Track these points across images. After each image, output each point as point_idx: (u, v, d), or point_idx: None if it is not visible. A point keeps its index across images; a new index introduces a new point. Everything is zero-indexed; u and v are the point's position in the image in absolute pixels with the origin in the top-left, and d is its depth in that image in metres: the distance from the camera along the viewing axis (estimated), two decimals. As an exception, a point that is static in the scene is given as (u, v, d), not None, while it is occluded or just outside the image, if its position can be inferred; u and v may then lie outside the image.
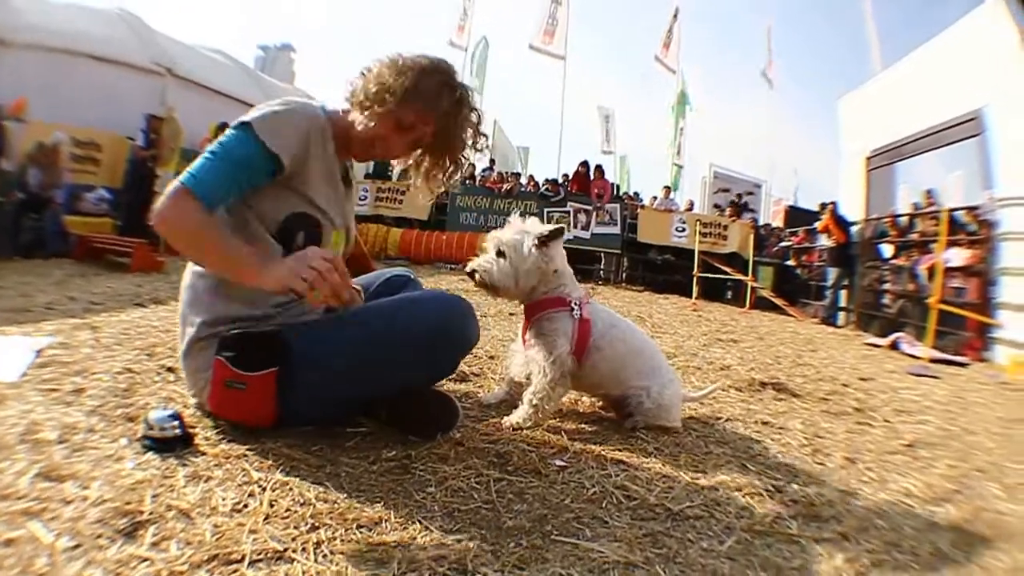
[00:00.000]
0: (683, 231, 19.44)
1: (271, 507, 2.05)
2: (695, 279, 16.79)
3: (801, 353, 8.40)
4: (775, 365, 6.84)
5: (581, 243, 19.91)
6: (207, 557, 1.71)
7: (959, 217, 12.46)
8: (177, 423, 2.52)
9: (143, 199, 13.53)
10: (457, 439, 2.92)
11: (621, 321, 3.72)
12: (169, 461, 2.30)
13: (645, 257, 20.45)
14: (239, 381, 2.54)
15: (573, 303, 3.44)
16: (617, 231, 20.17)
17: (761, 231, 21.53)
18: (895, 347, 10.35)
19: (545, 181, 22.13)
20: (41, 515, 1.83)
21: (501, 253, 3.31)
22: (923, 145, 14.62)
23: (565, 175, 22.31)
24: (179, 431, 2.51)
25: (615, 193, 22.26)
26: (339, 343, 2.66)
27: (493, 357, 5.16)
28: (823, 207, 17.23)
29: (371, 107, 2.66)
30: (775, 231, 23.35)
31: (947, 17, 13.96)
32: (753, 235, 18.59)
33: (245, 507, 2.04)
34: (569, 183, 21.41)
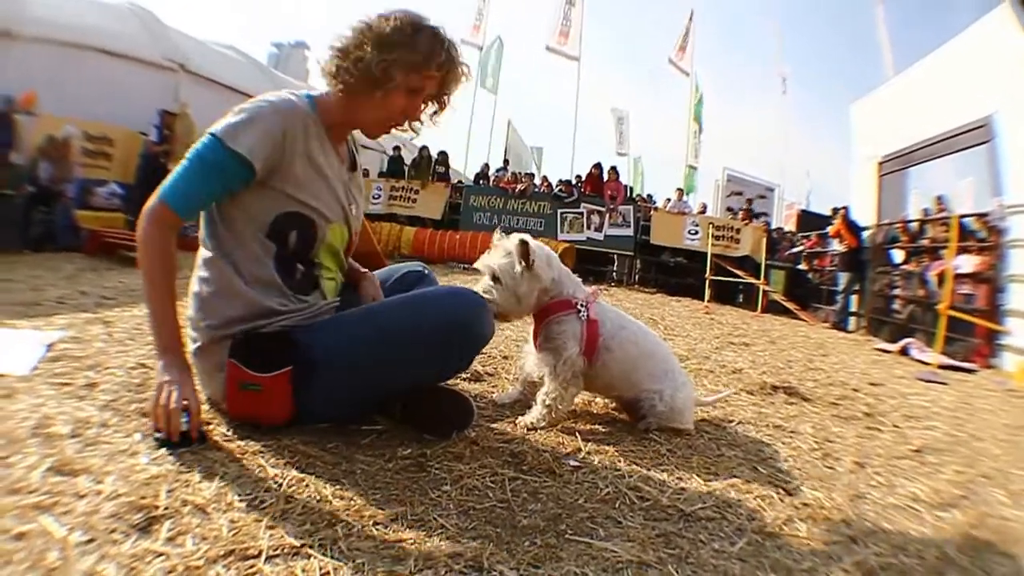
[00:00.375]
0: (696, 234, 19.47)
1: (287, 503, 2.05)
2: (707, 282, 16.80)
3: (812, 358, 8.39)
4: (786, 369, 6.86)
5: (594, 244, 20.15)
6: (223, 552, 1.71)
7: (969, 223, 12.46)
8: (186, 419, 2.44)
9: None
10: (472, 438, 2.93)
11: (632, 323, 3.71)
12: (185, 457, 2.29)
13: (658, 259, 20.52)
14: (253, 383, 2.56)
15: (579, 304, 3.44)
16: (630, 233, 20.19)
17: (773, 235, 21.62)
18: (905, 353, 10.35)
19: (559, 182, 22.12)
20: (53, 509, 1.82)
21: (497, 279, 3.28)
22: (934, 151, 14.57)
23: (578, 176, 22.26)
24: (186, 427, 2.45)
25: (628, 195, 22.27)
26: (352, 341, 2.66)
27: (507, 357, 5.16)
28: (835, 212, 17.32)
29: (376, 87, 2.63)
30: (787, 235, 23.47)
31: (960, 22, 13.94)
32: (765, 239, 18.59)
33: (261, 503, 2.04)
34: (582, 184, 21.41)
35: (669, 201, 22.23)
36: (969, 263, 11.85)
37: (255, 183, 2.57)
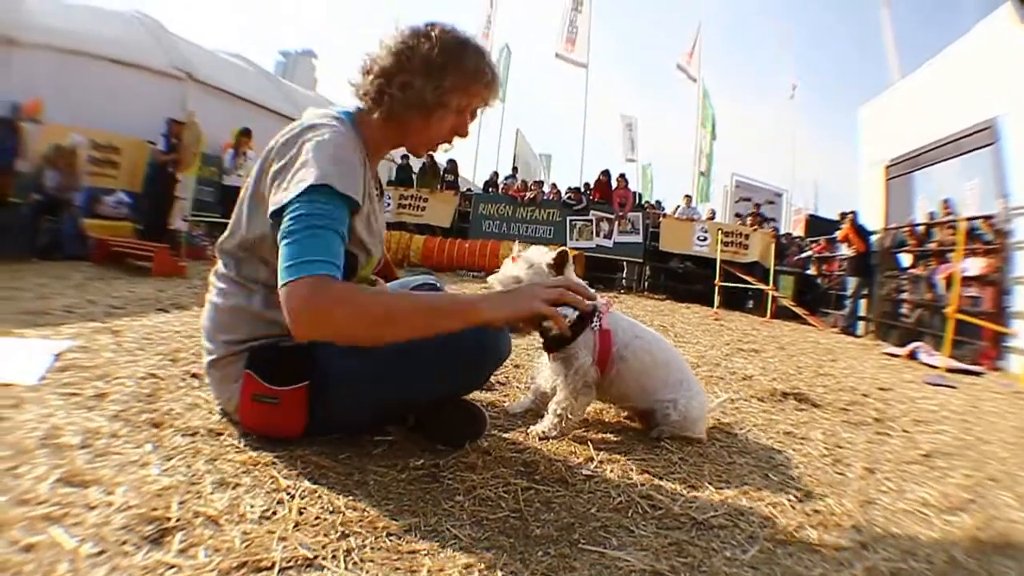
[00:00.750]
0: (705, 240, 19.62)
1: (300, 514, 2.05)
2: (716, 288, 16.82)
3: (822, 363, 8.41)
4: (796, 375, 6.88)
5: (603, 252, 20.31)
6: (236, 564, 1.70)
7: (976, 226, 12.50)
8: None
9: (163, 203, 13.60)
10: (484, 448, 2.92)
11: (646, 332, 3.69)
12: (196, 467, 2.29)
13: (667, 266, 20.67)
14: (271, 396, 2.55)
15: (594, 317, 3.39)
16: (639, 240, 20.35)
17: (782, 240, 21.64)
18: (913, 357, 10.34)
19: (568, 189, 22.17)
20: (63, 520, 1.81)
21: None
22: (940, 154, 14.56)
23: (587, 184, 22.37)
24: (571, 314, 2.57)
25: (637, 202, 22.33)
26: (370, 357, 2.54)
27: (519, 366, 5.15)
28: (843, 216, 17.41)
29: (430, 114, 2.61)
30: (796, 240, 23.42)
31: (965, 23, 13.93)
32: (774, 244, 18.73)
33: (274, 514, 2.03)
34: (591, 192, 21.47)
35: (678, 208, 22.37)
36: (976, 266, 11.88)
37: None
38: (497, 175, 24.90)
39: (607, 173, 21.52)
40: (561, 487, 2.62)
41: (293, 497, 2.16)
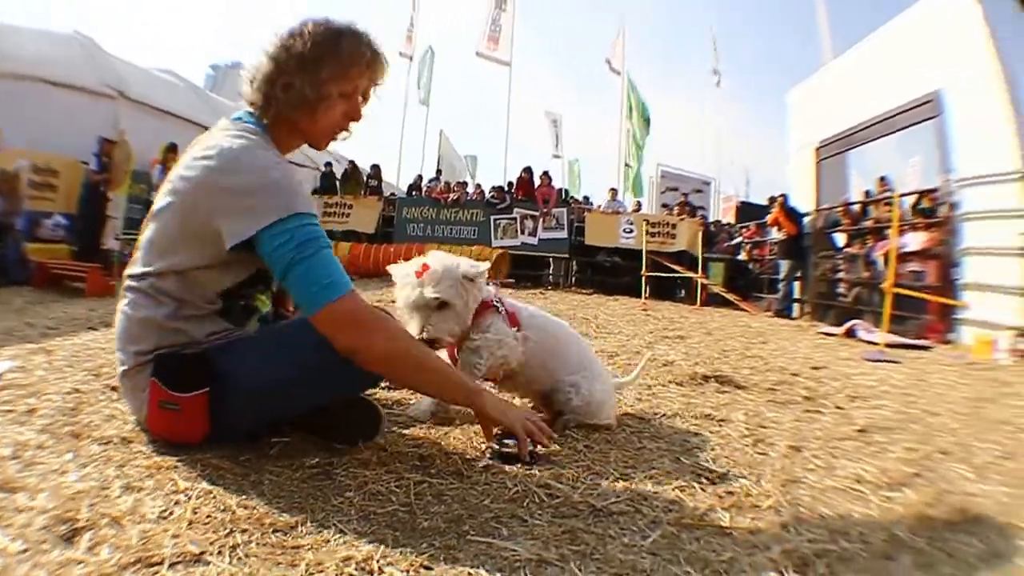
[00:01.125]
0: (631, 232, 19.72)
1: (194, 514, 2.06)
2: (644, 279, 16.98)
3: (750, 346, 8.36)
4: (721, 359, 6.78)
5: (529, 249, 20.43)
6: (132, 560, 1.74)
7: (908, 202, 12.76)
8: (529, 441, 2.75)
9: (96, 223, 13.54)
10: (381, 444, 2.91)
11: (539, 312, 3.66)
12: (107, 473, 2.34)
13: (593, 260, 20.74)
14: (172, 402, 2.54)
15: (494, 301, 3.37)
16: (564, 235, 20.45)
17: (710, 228, 21.94)
18: (851, 334, 10.35)
19: (491, 189, 22.35)
20: (-1, 523, 1.93)
21: (443, 304, 3.09)
22: (875, 131, 14.70)
23: (510, 182, 22.50)
24: (532, 447, 2.79)
25: (562, 198, 22.57)
26: (266, 362, 2.62)
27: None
28: (772, 200, 17.51)
29: (315, 108, 2.65)
30: (725, 227, 23.83)
31: (902, 5, 14.00)
32: (702, 232, 18.86)
33: (171, 514, 2.06)
34: (515, 190, 21.60)
35: (603, 203, 22.49)
36: (917, 240, 12.00)
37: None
38: (421, 178, 25.09)
39: (529, 171, 21.42)
40: (456, 480, 2.58)
41: (190, 498, 2.18)
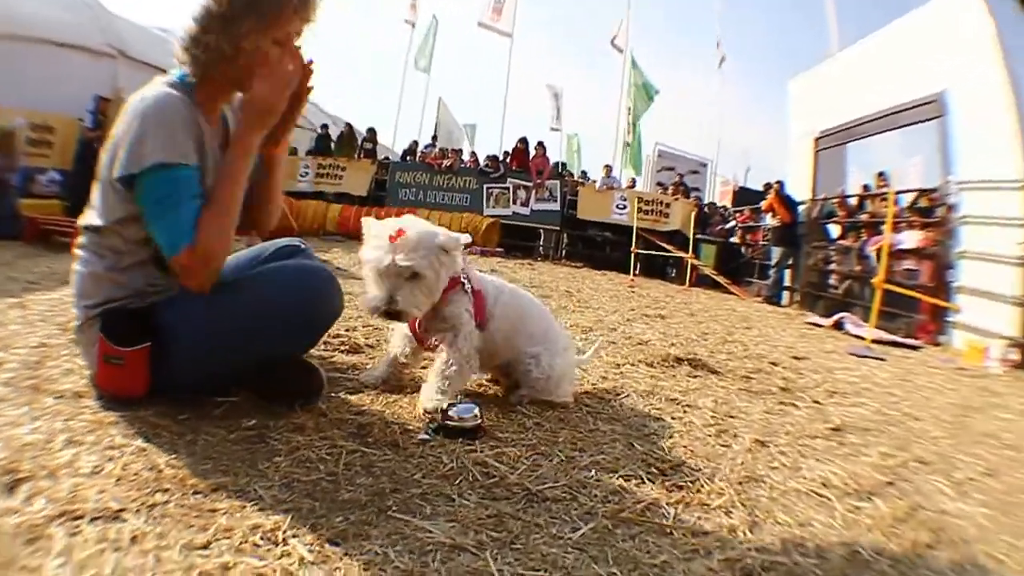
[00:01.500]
0: (624, 208, 19.71)
1: (124, 470, 2.10)
2: (633, 255, 17.10)
3: (732, 331, 8.19)
4: (699, 341, 6.65)
5: (520, 219, 20.41)
6: (59, 512, 1.79)
7: (904, 199, 12.75)
8: (477, 413, 2.77)
9: (89, 180, 13.73)
10: (322, 409, 2.87)
11: (505, 285, 3.55)
12: (54, 427, 2.39)
13: (585, 234, 20.79)
14: (116, 356, 2.59)
15: (463, 278, 3.22)
16: (557, 207, 20.44)
17: (705, 209, 21.87)
18: (839, 327, 10.30)
19: (486, 158, 22.25)
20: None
21: (416, 276, 2.90)
22: (877, 127, 14.61)
23: (505, 152, 22.55)
24: (478, 421, 2.77)
25: (558, 171, 22.49)
26: (207, 318, 2.67)
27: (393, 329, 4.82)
28: (768, 187, 17.46)
29: (232, 62, 2.63)
30: (719, 210, 23.77)
31: (912, 3, 13.80)
32: (695, 213, 18.88)
33: (102, 470, 2.09)
34: (509, 160, 21.62)
35: (598, 180, 22.23)
36: (912, 239, 11.84)
37: None
38: (416, 144, 25.09)
39: (524, 141, 21.45)
40: (391, 451, 2.55)
41: (123, 455, 2.22)
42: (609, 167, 22.46)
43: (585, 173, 26.08)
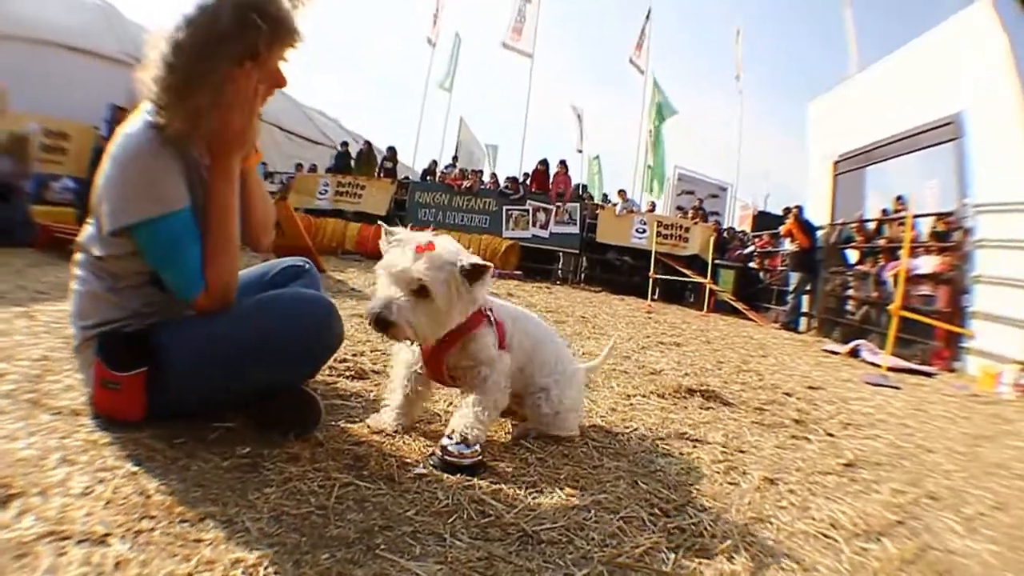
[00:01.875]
0: (644, 232, 19.67)
1: (114, 493, 2.09)
2: (651, 280, 16.91)
3: (748, 359, 8.09)
4: (713, 371, 6.55)
5: (540, 242, 20.39)
6: (48, 532, 1.80)
7: (922, 224, 12.63)
8: (477, 448, 2.73)
9: None
10: (319, 439, 2.81)
11: (519, 313, 3.38)
12: (49, 444, 2.39)
13: (604, 257, 20.67)
14: (113, 381, 2.58)
15: (486, 311, 3.03)
16: (576, 231, 20.38)
17: (724, 234, 21.94)
18: (855, 354, 10.19)
19: (506, 179, 22.31)
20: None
21: (423, 291, 2.62)
22: (895, 149, 14.57)
23: (526, 173, 22.67)
24: (479, 457, 2.73)
25: (578, 193, 22.56)
26: (205, 345, 2.66)
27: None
28: (787, 211, 17.30)
29: (218, 103, 2.56)
30: (738, 234, 23.78)
31: (930, 20, 13.80)
32: (715, 238, 18.67)
33: (92, 492, 2.08)
34: (529, 182, 21.66)
35: (617, 204, 22.15)
36: (929, 264, 11.75)
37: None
38: (436, 163, 25.38)
39: (545, 163, 21.67)
40: (385, 485, 2.49)
41: (115, 477, 2.21)
42: (623, 191, 22.57)
43: (606, 196, 26.18)
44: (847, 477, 3.37)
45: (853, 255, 15.37)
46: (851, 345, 10.50)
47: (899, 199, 14.71)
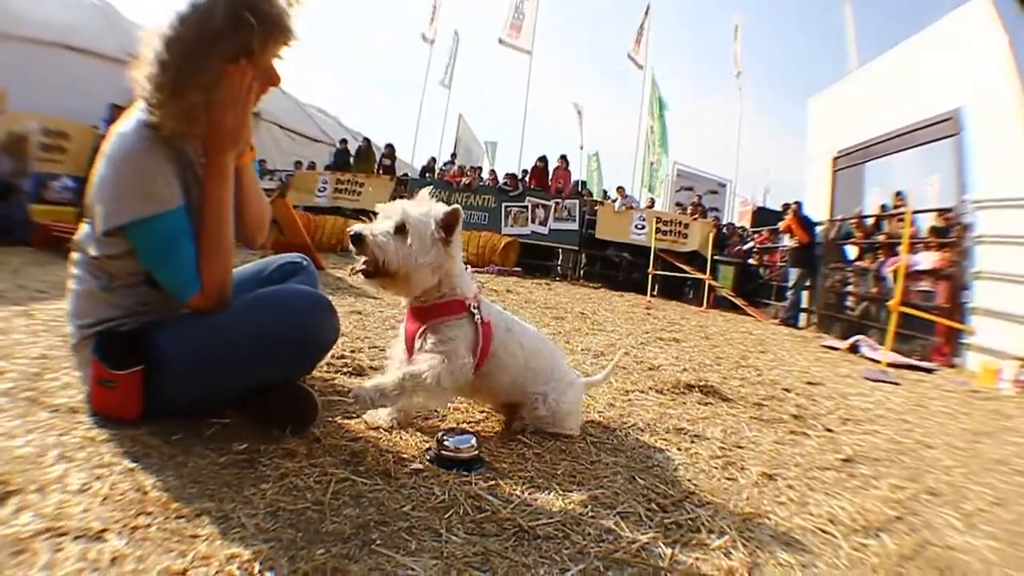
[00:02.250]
0: (643, 228, 19.67)
1: (111, 489, 2.09)
2: (650, 276, 16.92)
3: (747, 354, 8.12)
4: (712, 366, 6.54)
5: (539, 238, 20.39)
6: (45, 528, 1.81)
7: (921, 219, 12.61)
8: (473, 444, 2.74)
9: None
10: (316, 435, 2.82)
11: (515, 323, 3.38)
12: (47, 441, 2.40)
13: (603, 254, 20.68)
14: (110, 379, 2.59)
15: (471, 304, 3.08)
16: (575, 227, 20.38)
17: (723, 230, 21.83)
18: (855, 350, 10.17)
19: (504, 176, 22.38)
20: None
21: (402, 229, 2.89)
22: (894, 145, 14.53)
23: (524, 170, 22.70)
24: (475, 452, 2.74)
25: (578, 190, 22.46)
26: (200, 342, 2.67)
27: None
28: (786, 207, 17.31)
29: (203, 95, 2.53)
30: (737, 231, 23.74)
31: (929, 16, 13.79)
32: (714, 234, 18.74)
33: (89, 488, 2.09)
34: (528, 178, 21.67)
35: (616, 201, 22.06)
36: (928, 259, 11.76)
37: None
38: (435, 160, 25.51)
39: (544, 160, 21.74)
40: (382, 480, 2.49)
41: (112, 473, 2.21)
42: (621, 188, 22.49)
43: (606, 192, 26.24)
44: (846, 473, 3.38)
45: (852, 251, 15.39)
46: (850, 341, 10.48)
47: (898, 195, 14.71)
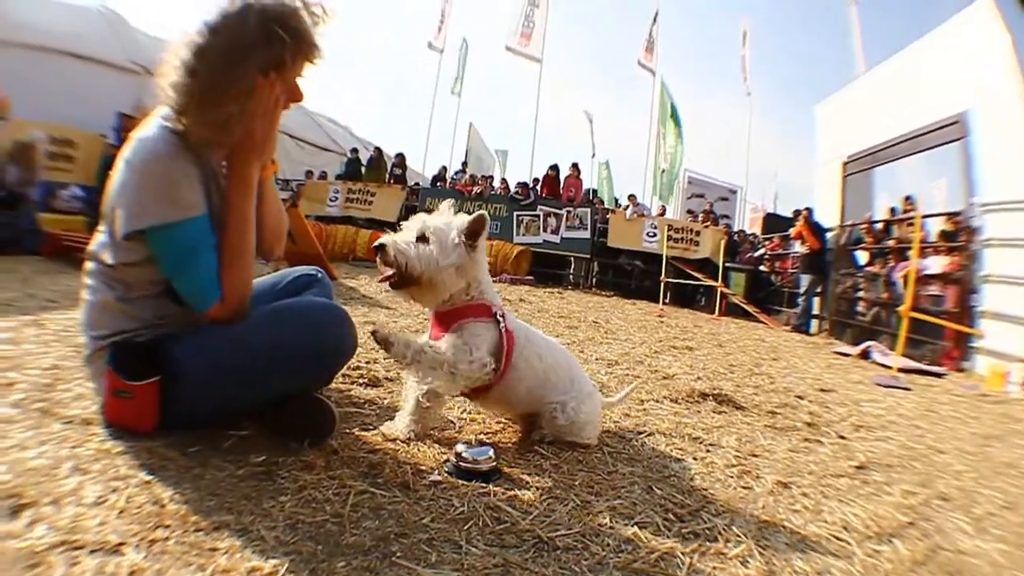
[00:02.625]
0: (654, 236, 19.62)
1: (127, 502, 2.06)
2: (663, 284, 16.87)
3: (760, 362, 8.12)
4: (726, 375, 6.54)
5: (551, 247, 20.35)
6: (59, 541, 1.78)
7: (931, 223, 12.62)
8: (491, 455, 2.74)
9: None
10: (333, 447, 2.79)
11: (535, 335, 3.39)
12: (61, 453, 2.37)
13: (615, 262, 20.61)
14: (126, 390, 2.57)
15: (497, 312, 3.10)
16: (587, 235, 20.33)
17: (734, 237, 21.78)
18: (866, 356, 10.15)
19: (516, 184, 22.26)
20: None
21: (424, 238, 2.95)
22: (902, 150, 14.52)
23: (536, 179, 22.55)
24: (493, 464, 2.74)
25: (589, 198, 22.43)
26: (217, 354, 2.64)
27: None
28: (797, 213, 17.38)
29: (241, 117, 2.55)
30: (749, 237, 23.64)
31: (934, 19, 13.78)
32: (725, 241, 18.69)
33: (105, 501, 2.06)
34: (540, 187, 21.60)
35: (627, 208, 22.03)
36: (938, 264, 11.72)
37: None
38: (446, 169, 25.46)
39: (556, 168, 21.70)
40: (401, 492, 2.48)
41: (128, 486, 2.18)
42: (633, 196, 22.44)
43: (617, 200, 26.33)
44: (859, 479, 3.40)
45: (863, 256, 15.31)
46: (862, 347, 10.49)
47: (908, 199, 14.65)
